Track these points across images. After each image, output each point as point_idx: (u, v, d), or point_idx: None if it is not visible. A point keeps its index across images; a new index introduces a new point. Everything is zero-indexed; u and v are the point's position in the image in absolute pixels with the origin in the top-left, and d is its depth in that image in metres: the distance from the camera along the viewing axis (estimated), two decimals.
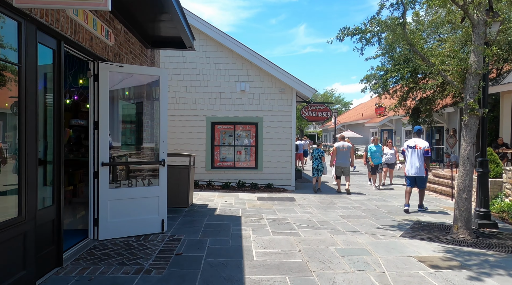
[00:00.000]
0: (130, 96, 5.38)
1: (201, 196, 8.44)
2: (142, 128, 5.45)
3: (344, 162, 9.63)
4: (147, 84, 5.29)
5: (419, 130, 7.37)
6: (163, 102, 4.77)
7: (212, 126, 10.21)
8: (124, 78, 5.07)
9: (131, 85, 5.29)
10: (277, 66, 9.97)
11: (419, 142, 7.01)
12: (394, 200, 8.65)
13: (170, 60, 9.96)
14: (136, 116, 5.60)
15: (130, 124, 5.48)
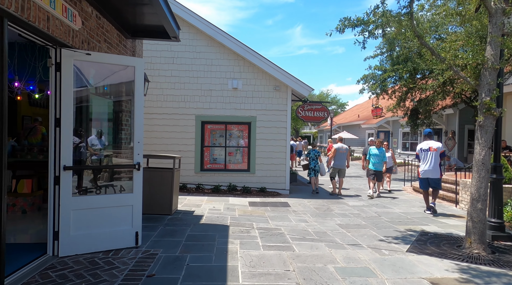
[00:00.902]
0: (105, 91, 4.75)
1: (188, 201, 7.82)
2: (118, 128, 4.82)
3: (341, 163, 9.74)
4: (124, 77, 4.67)
5: (430, 132, 7.40)
6: (138, 97, 4.15)
7: (202, 125, 9.59)
8: (98, 70, 4.45)
9: (106, 78, 4.66)
10: (272, 62, 9.39)
11: (432, 144, 7.10)
12: (394, 206, 8.11)
13: (157, 55, 9.33)
14: (112, 113, 4.97)
15: (103, 122, 4.84)
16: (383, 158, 9.22)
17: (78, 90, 4.10)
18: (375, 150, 9.27)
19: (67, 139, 3.70)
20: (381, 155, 9.20)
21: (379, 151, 9.21)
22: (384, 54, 13.53)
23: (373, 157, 9.28)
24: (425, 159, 7.05)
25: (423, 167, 7.04)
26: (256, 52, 9.38)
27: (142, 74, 4.15)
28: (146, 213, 5.92)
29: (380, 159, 9.20)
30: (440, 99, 13.66)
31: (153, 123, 9.39)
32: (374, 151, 9.29)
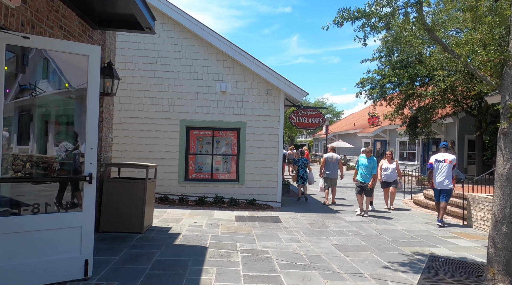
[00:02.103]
0: (57, 85, 3.97)
1: (167, 215, 7.00)
2: (69, 130, 4.02)
3: (333, 173, 9.60)
4: (82, 70, 3.90)
5: (445, 145, 7.59)
6: (92, 93, 3.38)
7: (187, 131, 8.82)
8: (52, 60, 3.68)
9: (60, 69, 3.89)
10: (263, 64, 8.70)
11: (447, 156, 7.25)
12: (396, 222, 7.36)
13: (139, 54, 8.60)
14: (64, 113, 4.18)
15: (54, 124, 4.05)
16: (372, 169, 7.92)
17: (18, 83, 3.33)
18: (363, 159, 8.04)
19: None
20: (370, 166, 7.91)
21: (369, 161, 7.96)
22: (383, 58, 12.97)
23: (361, 167, 8.03)
24: (440, 170, 7.17)
25: (439, 178, 7.16)
26: (246, 53, 8.70)
27: (98, 65, 3.40)
28: (112, 230, 5.11)
29: (369, 170, 7.90)
30: (440, 107, 13.09)
31: (133, 128, 8.60)
32: (362, 160, 8.04)
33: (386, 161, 9.23)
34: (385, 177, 9.06)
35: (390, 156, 9.24)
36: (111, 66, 4.94)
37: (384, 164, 9.19)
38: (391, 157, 9.24)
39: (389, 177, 9.03)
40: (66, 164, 3.65)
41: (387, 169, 9.09)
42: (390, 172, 9.01)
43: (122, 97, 8.55)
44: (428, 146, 17.79)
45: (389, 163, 9.13)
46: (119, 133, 8.54)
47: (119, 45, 8.46)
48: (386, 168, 9.11)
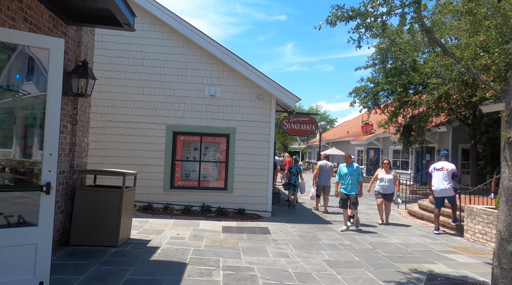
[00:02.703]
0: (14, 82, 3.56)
1: (149, 225, 6.56)
2: (29, 133, 3.60)
3: (326, 180, 9.61)
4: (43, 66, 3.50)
5: (445, 154, 7.70)
6: (53, 92, 3.00)
7: (174, 136, 8.42)
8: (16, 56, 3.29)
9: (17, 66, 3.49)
10: (255, 68, 8.39)
11: (446, 164, 7.32)
12: (391, 234, 7.02)
13: (124, 55, 8.22)
14: (31, 115, 3.77)
15: (19, 127, 3.63)
16: (358, 176, 7.21)
17: None
18: (344, 168, 7.30)
19: None
20: (355, 173, 7.19)
21: (350, 168, 7.22)
22: (377, 65, 12.79)
23: (344, 177, 7.24)
24: (437, 178, 7.25)
25: (437, 185, 7.24)
26: (237, 56, 8.38)
27: (60, 60, 3.02)
28: (83, 244, 4.67)
29: (354, 178, 7.18)
30: (434, 115, 12.90)
31: (117, 132, 8.18)
32: (344, 170, 7.28)
33: (382, 170, 8.21)
34: (381, 188, 8.07)
35: (387, 165, 8.19)
36: (86, 65, 4.56)
37: (380, 173, 8.19)
38: (389, 166, 8.20)
39: (385, 188, 8.03)
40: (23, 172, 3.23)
41: (383, 179, 8.09)
42: (386, 183, 8.03)
43: (106, 100, 8.15)
44: (422, 154, 17.61)
45: (386, 172, 8.14)
46: (101, 138, 8.12)
47: (103, 46, 8.10)
48: (382, 178, 8.09)
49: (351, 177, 7.18)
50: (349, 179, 7.19)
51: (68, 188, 4.76)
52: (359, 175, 7.25)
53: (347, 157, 7.41)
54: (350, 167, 7.27)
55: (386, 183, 8.04)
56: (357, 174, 7.24)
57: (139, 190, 8.13)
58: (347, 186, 7.20)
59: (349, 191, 7.19)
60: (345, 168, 7.34)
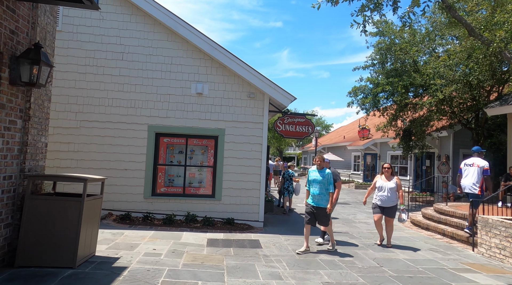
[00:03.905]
0: None
1: (123, 238, 5.75)
2: None
3: None
4: None
5: (478, 150, 6.97)
6: None
7: (157, 138, 7.65)
8: None
9: None
10: (246, 64, 7.69)
11: (477, 160, 6.73)
12: (396, 248, 6.28)
13: (102, 48, 7.47)
14: None
15: None
16: (328, 185, 5.60)
17: None
18: (313, 172, 5.76)
19: None
20: (325, 181, 5.60)
21: (321, 174, 5.65)
22: (376, 66, 12.17)
23: (313, 184, 5.72)
24: (466, 173, 6.78)
25: (464, 182, 6.77)
26: (227, 50, 7.67)
27: None
28: (32, 265, 3.86)
29: (324, 187, 5.60)
30: (436, 119, 12.30)
31: (92, 133, 7.39)
32: (313, 175, 5.74)
33: (382, 177, 6.51)
34: (380, 200, 6.40)
35: (388, 170, 6.44)
36: (39, 49, 3.80)
37: (379, 181, 6.49)
38: (391, 172, 6.46)
39: (385, 200, 6.32)
40: None
41: (382, 188, 6.37)
42: (386, 193, 6.30)
43: (81, 97, 7.37)
44: (421, 160, 16.99)
45: (387, 179, 6.39)
46: (75, 139, 7.32)
47: (78, 38, 7.35)
48: (381, 186, 6.39)
49: (319, 186, 5.63)
50: (317, 188, 5.63)
51: (17, 197, 3.96)
52: (330, 184, 5.63)
53: (319, 160, 5.78)
54: (321, 172, 5.71)
55: (386, 193, 6.32)
56: (328, 182, 5.62)
57: (117, 198, 7.33)
58: (314, 197, 5.67)
59: (316, 202, 5.65)
60: (314, 172, 5.77)
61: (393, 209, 6.38)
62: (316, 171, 5.77)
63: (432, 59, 11.13)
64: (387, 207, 6.38)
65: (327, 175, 5.68)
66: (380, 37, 12.05)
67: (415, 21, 12.23)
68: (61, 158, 7.25)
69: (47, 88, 4.41)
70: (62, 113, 7.29)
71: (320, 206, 5.63)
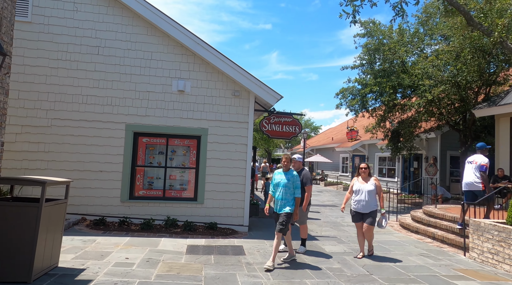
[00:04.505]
0: None
1: (94, 246, 5.29)
2: None
3: None
4: None
5: (481, 147, 6.71)
6: None
7: (135, 138, 7.21)
8: None
9: None
10: (231, 60, 7.34)
11: (477, 157, 6.58)
12: (386, 254, 6.00)
13: (77, 42, 6.99)
14: None
15: None
16: (294, 189, 4.97)
17: None
18: (279, 174, 5.09)
19: None
20: (290, 184, 4.95)
21: (288, 176, 4.98)
22: (364, 66, 11.99)
23: (278, 188, 5.03)
24: (466, 171, 6.69)
25: (464, 179, 6.70)
26: (210, 46, 7.30)
27: None
28: None
29: (289, 191, 4.94)
30: (424, 120, 12.19)
31: (65, 132, 6.89)
32: (278, 177, 5.07)
33: (359, 179, 5.72)
34: (357, 205, 5.62)
35: (365, 171, 5.67)
36: None
37: (356, 183, 5.71)
38: (368, 173, 5.69)
39: (363, 206, 5.53)
40: None
41: (359, 191, 5.60)
42: (364, 196, 5.53)
43: (52, 93, 6.88)
44: (409, 162, 16.94)
45: (364, 181, 5.63)
46: (46, 139, 6.82)
47: (50, 30, 6.87)
48: (358, 190, 5.62)
49: (284, 190, 4.92)
50: (282, 192, 4.94)
51: None
52: (297, 188, 4.95)
53: (286, 160, 5.01)
54: (287, 174, 5.00)
55: (364, 196, 5.53)
56: (294, 186, 4.94)
57: (91, 201, 6.86)
58: (278, 202, 5.00)
59: (279, 208, 5.00)
60: (278, 174, 5.07)
61: (373, 214, 5.56)
62: (282, 173, 5.06)
63: (421, 60, 11.01)
64: (366, 213, 5.58)
65: (294, 177, 4.97)
66: (368, 38, 11.89)
67: (403, 22, 12.14)
68: (30, 158, 6.73)
69: (3, 80, 3.95)
70: (32, 111, 6.78)
71: (285, 211, 4.90)
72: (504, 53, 9.78)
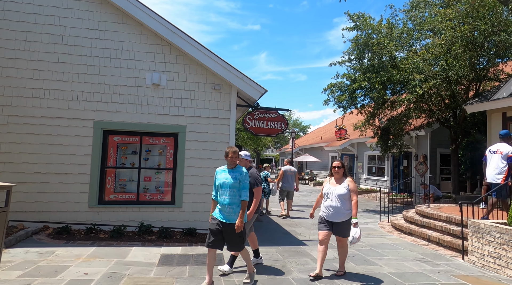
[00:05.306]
0: None
1: (51, 259, 4.62)
2: None
3: (290, 185, 9.58)
4: None
5: (507, 134, 6.22)
6: None
7: (105, 136, 6.54)
8: None
9: None
10: (211, 51, 6.75)
11: (501, 147, 6.07)
12: (379, 259, 5.52)
13: (37, 29, 6.29)
14: None
15: None
16: (240, 190, 3.90)
17: None
18: (224, 173, 3.98)
19: None
20: (236, 185, 3.87)
21: (234, 175, 3.91)
22: (353, 61, 11.57)
23: (220, 190, 3.94)
24: (490, 162, 6.15)
25: (488, 170, 6.18)
26: (188, 36, 6.70)
27: None
28: None
29: (235, 194, 3.88)
30: (415, 117, 11.86)
31: (24, 131, 6.18)
32: (221, 176, 3.96)
33: (331, 180, 4.57)
34: (326, 211, 4.45)
35: (339, 170, 4.47)
36: None
37: (326, 185, 4.56)
38: (342, 172, 4.50)
39: (333, 212, 4.36)
40: None
41: (329, 195, 4.45)
42: (335, 201, 4.35)
43: (9, 87, 6.17)
44: (399, 160, 16.65)
45: (336, 182, 4.47)
46: (1, 138, 6.10)
47: (6, 16, 6.15)
48: (328, 193, 4.47)
49: (231, 192, 3.86)
50: (228, 195, 3.86)
51: None
52: (244, 189, 3.88)
53: (233, 154, 3.90)
54: (235, 171, 3.93)
55: (335, 201, 4.35)
56: (241, 187, 3.89)
57: (55, 207, 6.16)
58: (223, 208, 3.88)
59: (225, 217, 3.86)
60: (222, 173, 3.98)
61: (346, 224, 4.40)
62: (226, 171, 3.97)
63: (411, 55, 10.66)
64: (336, 221, 4.40)
65: (243, 175, 3.90)
66: (357, 31, 11.48)
67: (392, 16, 11.78)
68: None
69: None
70: None
71: (231, 223, 3.85)
72: (497, 46, 9.50)
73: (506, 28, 9.22)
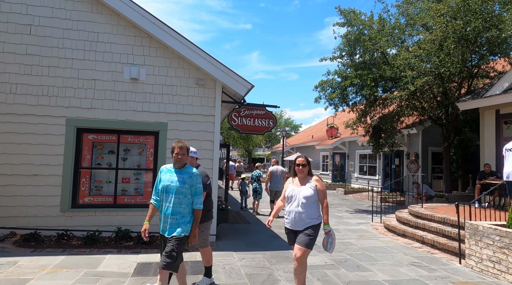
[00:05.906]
0: None
1: (11, 271, 4.15)
2: None
3: (278, 186, 9.21)
4: None
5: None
6: None
7: (78, 135, 6.06)
8: None
9: None
10: (193, 44, 6.33)
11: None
12: (373, 264, 5.18)
13: (3, 19, 5.79)
14: None
15: None
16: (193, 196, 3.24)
17: None
18: (167, 174, 3.26)
19: None
20: (186, 189, 3.18)
21: (181, 177, 3.20)
22: (344, 57, 11.26)
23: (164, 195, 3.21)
24: (508, 159, 5.97)
25: (506, 168, 5.98)
26: (169, 27, 6.26)
27: None
28: None
29: (184, 200, 3.19)
30: (407, 114, 11.62)
31: None
32: (166, 178, 3.23)
33: (295, 180, 3.73)
34: (288, 218, 3.61)
35: (303, 169, 3.66)
36: None
37: (290, 186, 3.71)
38: (307, 171, 3.70)
39: (294, 219, 3.54)
40: None
41: (292, 198, 3.60)
42: (299, 206, 3.54)
43: None
44: (390, 159, 16.45)
45: (301, 183, 3.65)
46: None
47: None
48: (291, 196, 3.62)
49: (177, 198, 3.16)
50: (171, 202, 3.16)
51: None
52: (197, 194, 3.24)
53: (180, 150, 3.20)
54: (183, 172, 3.24)
55: (299, 206, 3.54)
56: (193, 193, 3.23)
57: (23, 212, 5.67)
58: (165, 218, 3.17)
59: (168, 229, 3.15)
60: (168, 173, 3.26)
61: (312, 231, 3.53)
62: (172, 171, 3.25)
63: (402, 51, 10.40)
64: (299, 230, 3.53)
65: (193, 177, 3.21)
66: (348, 27, 11.18)
67: (384, 11, 11.52)
68: None
69: None
70: None
71: (172, 234, 3.12)
72: (489, 42, 9.28)
73: (498, 23, 9.02)
